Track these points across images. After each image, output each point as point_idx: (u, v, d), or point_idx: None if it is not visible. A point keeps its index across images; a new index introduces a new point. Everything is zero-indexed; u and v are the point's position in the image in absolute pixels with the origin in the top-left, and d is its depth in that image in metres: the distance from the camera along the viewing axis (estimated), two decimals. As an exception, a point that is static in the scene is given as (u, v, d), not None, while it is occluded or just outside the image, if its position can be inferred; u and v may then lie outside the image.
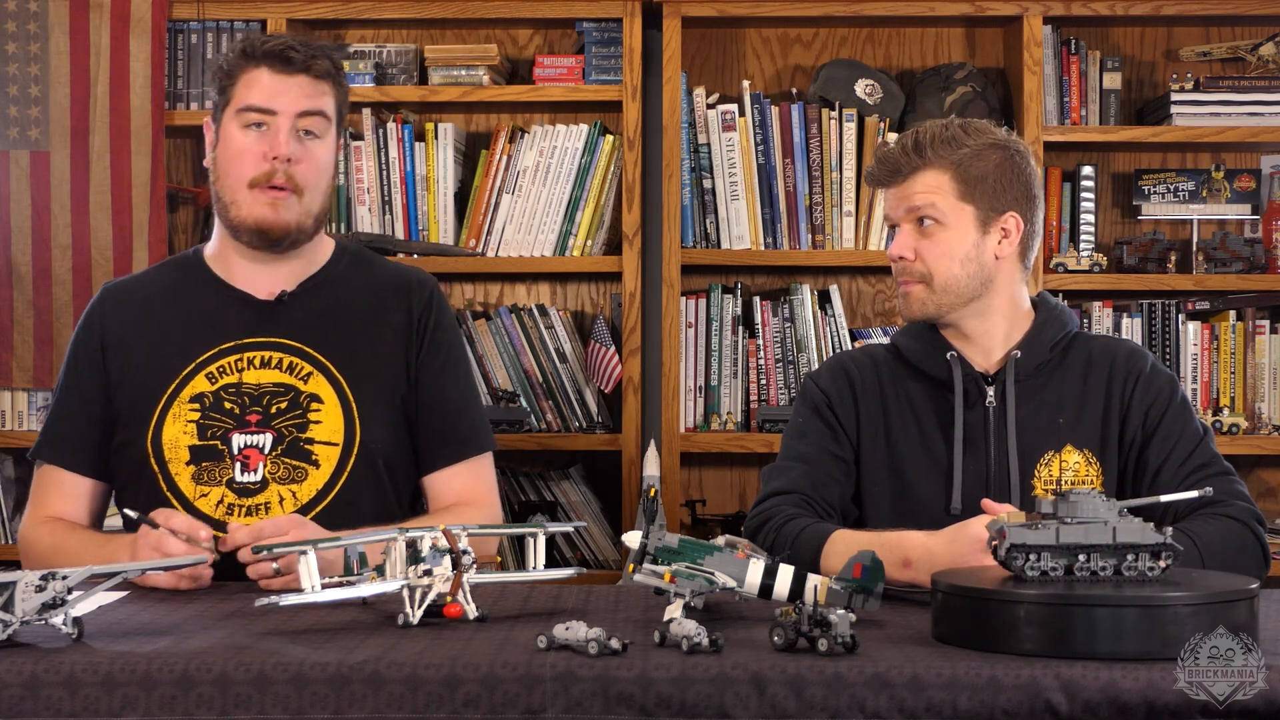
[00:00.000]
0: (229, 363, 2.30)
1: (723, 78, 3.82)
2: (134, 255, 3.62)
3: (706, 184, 3.63)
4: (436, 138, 3.67)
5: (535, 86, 3.67)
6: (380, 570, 1.77)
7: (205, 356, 2.31)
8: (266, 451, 2.26)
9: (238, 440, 2.26)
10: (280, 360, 2.31)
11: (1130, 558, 1.63)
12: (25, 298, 3.63)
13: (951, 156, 2.24)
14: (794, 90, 3.78)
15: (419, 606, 1.74)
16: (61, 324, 3.63)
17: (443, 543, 1.76)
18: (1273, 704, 1.49)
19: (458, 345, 2.45)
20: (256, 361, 2.31)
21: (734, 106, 3.63)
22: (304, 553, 1.73)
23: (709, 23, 3.73)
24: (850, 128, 3.62)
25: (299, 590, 1.71)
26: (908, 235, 2.26)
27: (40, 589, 1.62)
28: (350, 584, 1.75)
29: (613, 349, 3.56)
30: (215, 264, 2.39)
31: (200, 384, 2.29)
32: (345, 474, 2.27)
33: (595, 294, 3.82)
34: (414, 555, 1.76)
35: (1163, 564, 1.64)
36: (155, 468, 2.26)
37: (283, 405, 2.28)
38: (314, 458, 2.27)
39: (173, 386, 2.29)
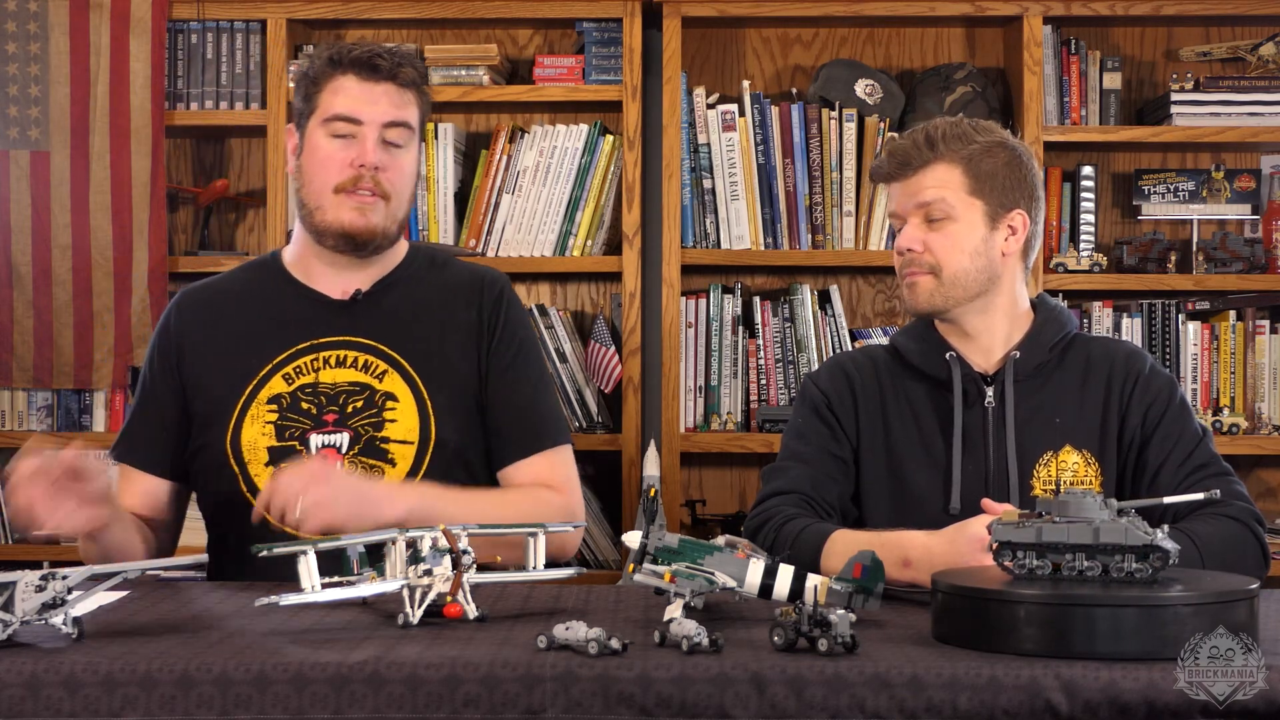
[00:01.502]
0: (305, 363, 2.31)
1: (723, 78, 3.82)
2: (134, 255, 3.62)
3: (706, 184, 3.63)
4: (436, 138, 3.67)
5: (535, 86, 3.67)
6: (380, 570, 1.77)
7: (282, 358, 2.31)
8: (344, 451, 2.26)
9: (315, 440, 2.26)
10: (356, 359, 2.31)
11: (1118, 558, 1.63)
12: (25, 298, 3.63)
13: (962, 151, 2.24)
14: (794, 90, 3.79)
15: (419, 606, 1.74)
16: (61, 324, 3.64)
17: (443, 543, 1.76)
18: (1273, 704, 1.48)
19: (529, 340, 2.42)
20: (332, 361, 2.31)
21: (734, 106, 3.63)
22: (304, 552, 1.73)
23: (709, 23, 3.73)
24: (850, 128, 3.63)
25: (299, 590, 1.71)
26: (916, 228, 2.25)
27: (40, 589, 1.62)
28: (350, 584, 1.75)
29: (613, 349, 3.56)
30: (294, 268, 2.39)
31: (277, 385, 2.29)
32: (421, 472, 2.26)
33: (595, 294, 3.83)
34: (414, 555, 1.76)
35: (1151, 565, 1.63)
36: (235, 469, 2.26)
37: (359, 404, 2.28)
38: (390, 456, 2.27)
39: (250, 388, 2.29)
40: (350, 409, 2.28)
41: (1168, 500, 1.94)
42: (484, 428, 2.35)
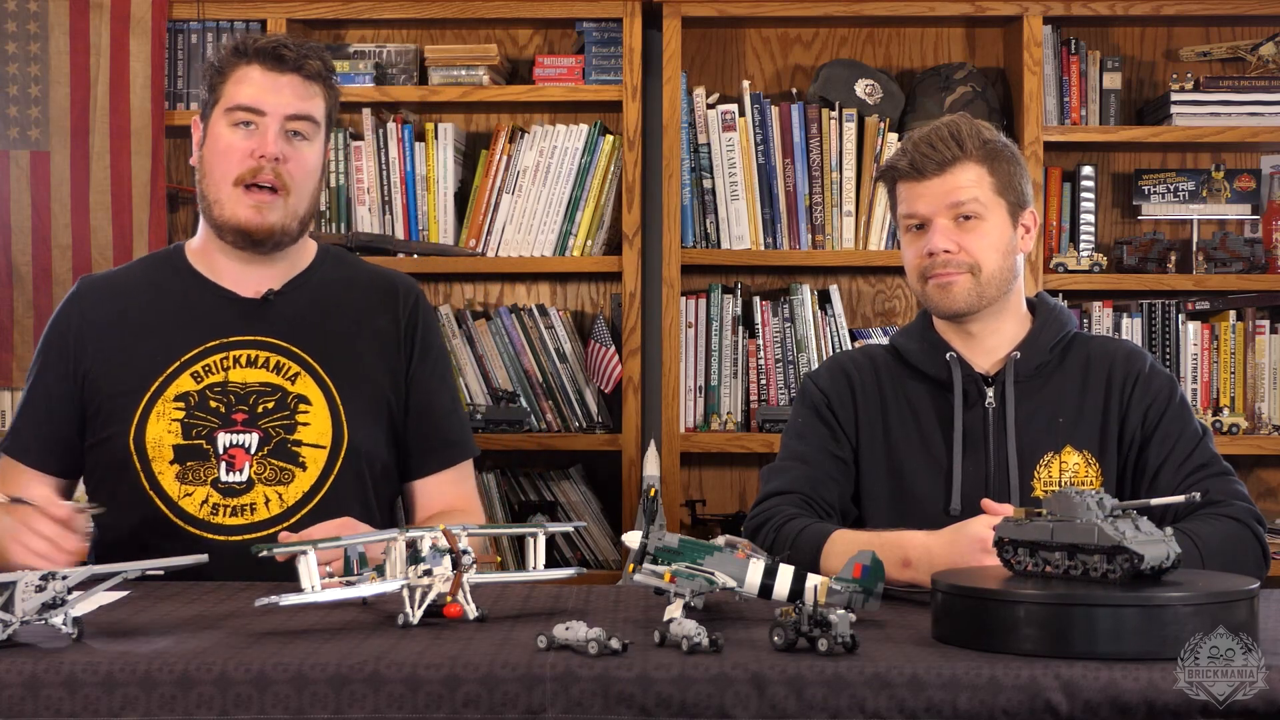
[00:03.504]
0: (215, 361, 2.29)
1: (723, 78, 3.82)
2: (134, 255, 3.62)
3: (706, 184, 3.63)
4: (436, 138, 3.67)
5: (535, 86, 3.67)
6: (380, 570, 1.77)
7: (190, 355, 2.29)
8: (253, 452, 2.24)
9: (223, 439, 2.24)
10: (267, 360, 2.30)
11: (1096, 558, 1.63)
12: (25, 298, 3.63)
13: (984, 150, 2.25)
14: (794, 90, 3.78)
15: (419, 606, 1.74)
16: (61, 324, 3.63)
17: (443, 543, 1.76)
18: (1273, 704, 1.49)
19: (443, 351, 2.47)
20: (243, 360, 2.29)
21: (734, 106, 3.63)
22: (304, 553, 1.73)
23: (709, 23, 3.73)
24: (850, 128, 3.62)
25: (299, 590, 1.71)
26: (948, 229, 2.25)
27: (40, 589, 1.62)
28: (350, 584, 1.75)
29: (613, 349, 3.56)
30: (199, 261, 2.38)
31: (185, 383, 2.27)
32: (332, 477, 2.26)
33: (595, 294, 3.82)
34: (414, 555, 1.76)
35: (1119, 566, 1.62)
36: (138, 466, 2.24)
37: (270, 405, 2.27)
38: (301, 459, 2.26)
39: (156, 384, 2.27)
40: (261, 409, 2.26)
41: (1153, 503, 1.93)
42: (396, 436, 2.35)
